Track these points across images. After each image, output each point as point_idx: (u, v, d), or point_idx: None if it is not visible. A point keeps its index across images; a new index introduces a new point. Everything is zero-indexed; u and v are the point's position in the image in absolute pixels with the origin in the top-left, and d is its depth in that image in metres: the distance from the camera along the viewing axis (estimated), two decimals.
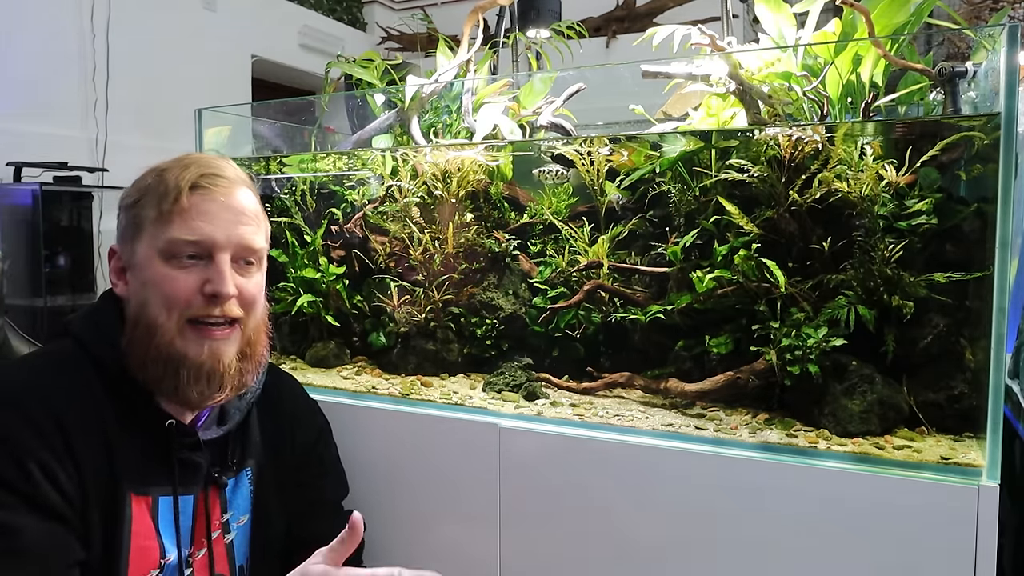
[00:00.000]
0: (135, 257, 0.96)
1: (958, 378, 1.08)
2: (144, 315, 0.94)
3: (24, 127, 3.53)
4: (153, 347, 0.93)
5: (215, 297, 0.94)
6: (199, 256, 0.95)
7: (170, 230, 0.94)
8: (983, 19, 2.82)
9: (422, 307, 1.48)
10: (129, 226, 0.97)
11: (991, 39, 1.08)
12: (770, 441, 1.10)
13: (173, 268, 0.94)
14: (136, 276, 0.96)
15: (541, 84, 1.57)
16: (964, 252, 1.10)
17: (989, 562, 0.92)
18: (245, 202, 1.00)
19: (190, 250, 0.94)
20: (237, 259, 0.98)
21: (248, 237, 0.98)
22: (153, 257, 0.94)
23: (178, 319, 0.93)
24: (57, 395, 0.91)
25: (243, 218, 0.98)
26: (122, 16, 4.03)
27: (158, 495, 0.95)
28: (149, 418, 0.95)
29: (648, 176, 1.35)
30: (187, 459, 0.99)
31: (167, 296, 0.93)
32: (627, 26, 5.40)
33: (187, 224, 0.94)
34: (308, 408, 1.24)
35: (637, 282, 1.37)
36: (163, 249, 0.94)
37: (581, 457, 1.16)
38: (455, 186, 1.48)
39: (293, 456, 1.15)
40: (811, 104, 1.25)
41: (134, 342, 0.95)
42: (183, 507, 0.98)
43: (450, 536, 1.26)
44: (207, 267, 0.95)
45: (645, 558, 1.11)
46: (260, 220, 1.02)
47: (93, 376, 0.94)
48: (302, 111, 1.92)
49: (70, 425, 0.89)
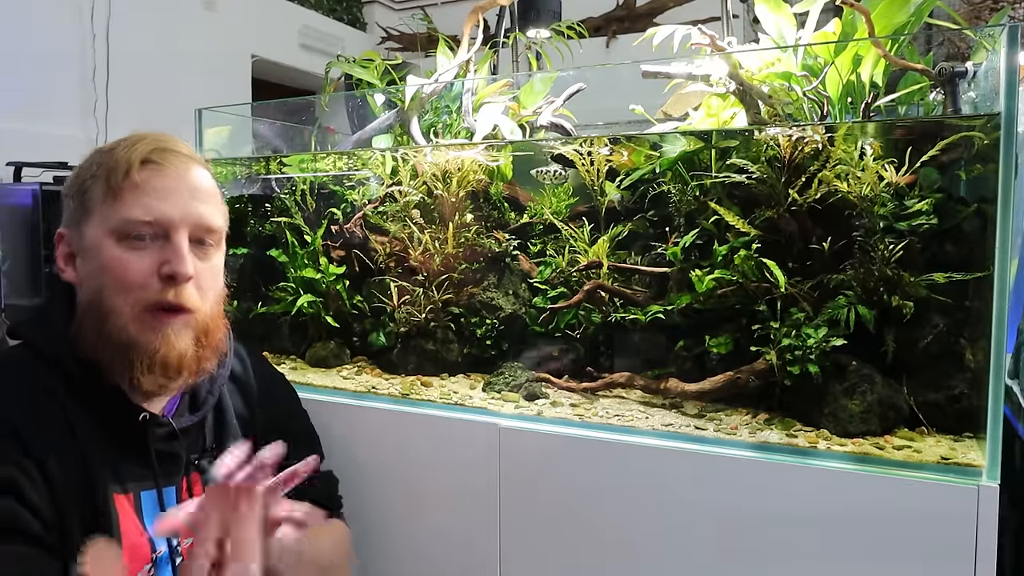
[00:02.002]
0: (84, 240, 0.90)
1: (958, 378, 1.08)
2: (97, 301, 0.89)
3: (24, 127, 3.53)
4: (105, 333, 0.88)
5: (172, 278, 0.89)
6: (154, 236, 0.89)
7: (122, 209, 0.88)
8: (983, 19, 2.82)
9: (422, 307, 1.48)
10: (77, 209, 0.92)
11: (991, 39, 1.08)
12: (770, 441, 1.10)
13: (127, 250, 0.88)
14: (87, 261, 0.91)
15: (541, 84, 1.57)
16: (964, 252, 1.10)
17: (989, 562, 0.92)
18: (201, 179, 0.94)
19: (145, 229, 0.89)
20: (194, 239, 0.92)
21: (206, 215, 0.93)
22: (105, 239, 0.89)
23: (134, 304, 0.88)
24: (14, 408, 0.86)
25: (199, 195, 0.93)
26: (122, 16, 4.03)
27: (139, 490, 0.92)
28: (119, 413, 0.91)
29: (648, 176, 1.35)
30: (165, 450, 0.95)
31: (121, 279, 0.88)
32: (627, 26, 5.41)
33: (140, 202, 0.88)
34: (274, 381, 1.20)
35: (637, 282, 1.37)
36: (115, 229, 0.88)
37: (581, 457, 1.16)
38: (455, 186, 1.48)
39: (264, 433, 1.11)
40: (811, 104, 1.25)
41: (84, 328, 0.90)
42: (167, 499, 0.95)
43: (450, 536, 1.26)
44: (163, 247, 0.89)
45: (645, 558, 1.11)
46: (218, 199, 0.97)
47: (53, 378, 0.89)
48: (302, 111, 1.93)
49: (33, 438, 0.84)
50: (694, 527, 1.08)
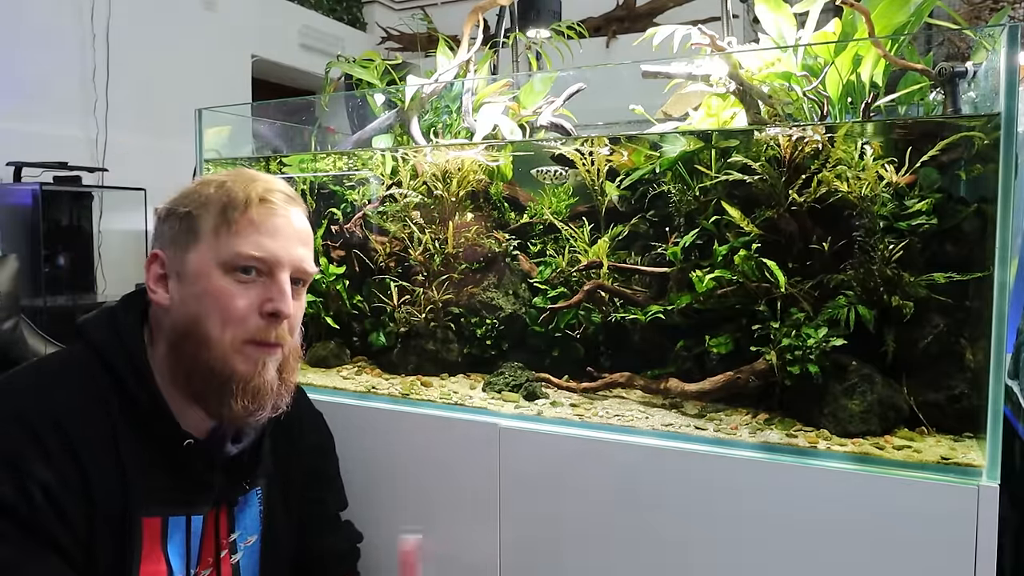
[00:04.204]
0: (187, 266, 0.91)
1: (958, 378, 1.08)
2: (196, 328, 0.90)
3: (24, 127, 3.54)
4: (203, 361, 0.89)
5: (275, 316, 0.91)
6: (259, 272, 0.91)
7: (235, 242, 0.90)
8: (983, 19, 2.82)
9: (422, 307, 1.48)
10: (183, 233, 0.92)
11: (991, 39, 1.08)
12: (770, 441, 1.10)
13: (232, 282, 0.90)
14: (187, 286, 0.91)
15: (541, 84, 1.57)
16: (964, 252, 1.10)
17: (989, 562, 0.92)
18: (304, 223, 0.98)
19: (253, 264, 0.91)
20: (293, 279, 0.95)
21: (307, 258, 0.96)
22: (211, 268, 0.90)
23: (232, 338, 0.90)
24: (69, 413, 0.85)
25: (303, 237, 0.96)
26: (122, 16, 4.04)
27: (168, 515, 0.92)
28: (165, 435, 0.91)
29: (648, 176, 1.35)
30: (202, 478, 0.95)
31: (225, 311, 0.89)
32: (627, 26, 5.41)
33: (253, 238, 0.91)
34: (314, 422, 1.21)
35: (637, 282, 1.37)
36: (225, 261, 0.90)
37: (581, 457, 1.16)
38: (455, 186, 1.48)
39: (301, 472, 1.13)
40: (811, 104, 1.25)
41: (179, 354, 0.91)
42: (194, 527, 0.95)
43: (450, 536, 1.26)
44: (266, 285, 0.92)
45: (645, 558, 1.11)
46: (312, 243, 1.00)
47: (108, 388, 0.89)
48: (302, 111, 1.92)
49: (81, 447, 0.84)
50: (694, 527, 1.08)
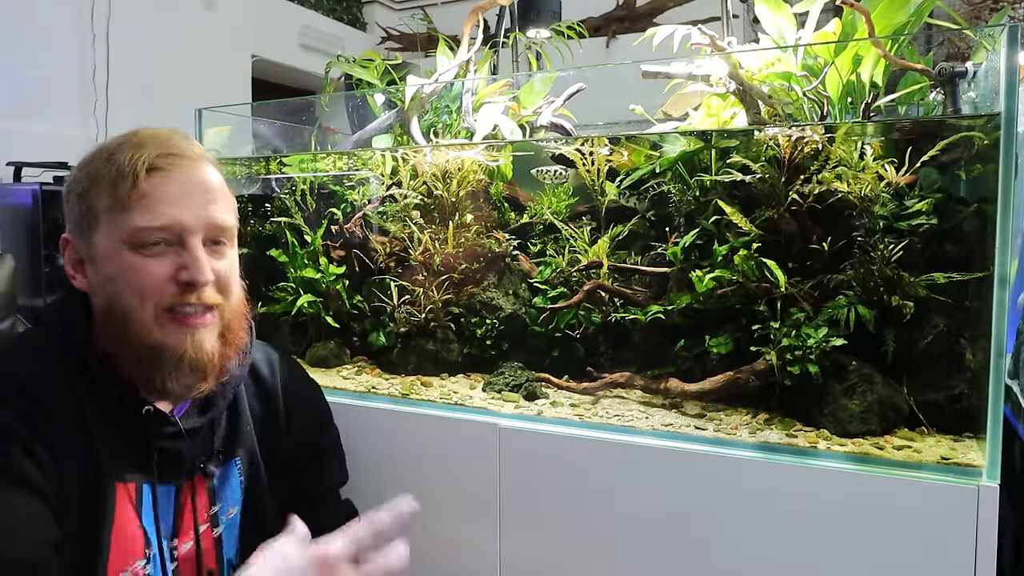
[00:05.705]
0: (95, 250, 0.90)
1: (958, 378, 1.08)
2: (117, 305, 0.89)
3: (24, 127, 3.53)
4: (131, 337, 0.89)
5: (191, 285, 0.89)
6: (168, 241, 0.89)
7: (132, 218, 0.87)
8: (983, 19, 2.82)
9: (422, 307, 1.48)
10: (83, 216, 0.90)
11: (991, 39, 1.08)
12: (770, 441, 1.10)
13: (142, 256, 0.88)
14: (99, 268, 0.90)
15: (541, 84, 1.57)
16: (964, 252, 1.10)
17: (989, 562, 0.92)
18: (210, 178, 0.93)
19: (158, 235, 0.88)
20: (208, 240, 0.92)
21: (218, 216, 0.92)
22: (117, 247, 0.88)
23: (153, 309, 0.88)
24: (33, 379, 0.87)
25: (210, 196, 0.92)
26: (122, 16, 4.03)
27: (141, 483, 0.92)
28: (126, 405, 0.91)
29: (648, 176, 1.35)
30: (167, 448, 0.94)
31: (139, 286, 0.88)
32: (627, 26, 5.40)
33: (150, 209, 0.87)
34: (306, 393, 1.18)
35: (637, 282, 1.37)
36: (127, 238, 0.88)
37: (581, 457, 1.16)
38: (455, 186, 1.48)
39: (289, 445, 1.11)
40: (811, 104, 1.25)
41: (109, 333, 0.90)
42: (163, 497, 0.94)
43: (450, 536, 1.26)
44: (179, 252, 0.89)
45: (645, 558, 1.11)
46: (227, 196, 0.95)
47: (69, 362, 0.89)
48: (302, 111, 1.93)
49: (47, 411, 0.85)
50: (694, 527, 1.08)
